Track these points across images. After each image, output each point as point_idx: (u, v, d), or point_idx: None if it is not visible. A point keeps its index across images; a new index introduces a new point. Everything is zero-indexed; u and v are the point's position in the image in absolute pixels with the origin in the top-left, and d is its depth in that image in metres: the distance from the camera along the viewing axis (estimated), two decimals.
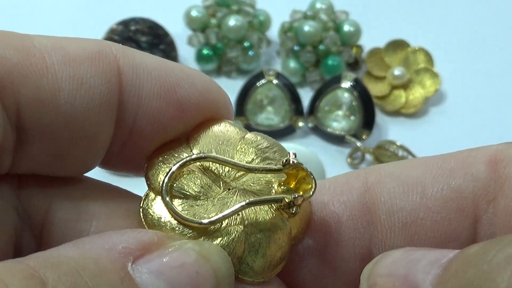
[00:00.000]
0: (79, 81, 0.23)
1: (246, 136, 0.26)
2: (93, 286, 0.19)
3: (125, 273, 0.20)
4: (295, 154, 0.25)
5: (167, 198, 0.24)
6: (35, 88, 0.22)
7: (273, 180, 0.25)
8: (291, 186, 0.25)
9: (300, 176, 0.25)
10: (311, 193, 0.24)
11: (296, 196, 0.24)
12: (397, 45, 0.70)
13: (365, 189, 0.25)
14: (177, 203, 0.24)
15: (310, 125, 0.66)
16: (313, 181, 0.24)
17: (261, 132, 0.26)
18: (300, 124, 0.65)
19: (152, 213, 0.24)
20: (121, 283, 0.20)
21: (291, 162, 0.24)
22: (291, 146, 0.61)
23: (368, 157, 0.64)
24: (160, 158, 0.25)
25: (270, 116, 0.66)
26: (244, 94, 0.65)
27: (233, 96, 0.65)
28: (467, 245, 0.24)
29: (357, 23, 0.70)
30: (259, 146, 0.26)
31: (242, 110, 0.65)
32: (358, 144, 0.64)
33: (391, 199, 0.25)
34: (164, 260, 0.21)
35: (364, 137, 0.64)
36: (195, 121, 0.25)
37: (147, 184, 0.25)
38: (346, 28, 0.69)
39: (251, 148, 0.25)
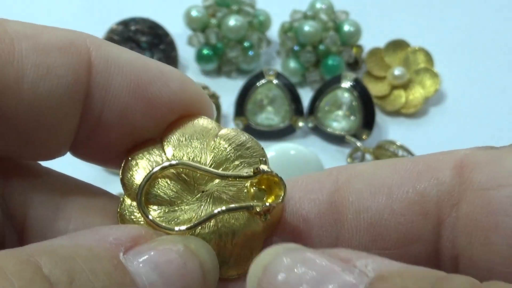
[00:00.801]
0: (44, 70, 0.23)
1: (220, 132, 0.26)
2: (88, 270, 0.20)
3: (118, 261, 0.21)
4: (266, 160, 0.26)
5: (143, 208, 0.25)
6: None
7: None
8: (263, 187, 0.26)
9: (272, 180, 0.25)
10: (281, 199, 0.25)
11: (267, 205, 0.25)
12: (397, 45, 0.70)
13: (335, 188, 0.26)
14: (152, 209, 0.25)
15: (310, 125, 0.66)
16: (284, 188, 0.25)
17: (261, 132, 0.27)
18: (300, 124, 0.65)
19: (129, 219, 0.25)
20: (114, 270, 0.21)
21: (261, 170, 0.25)
22: (291, 146, 0.61)
23: (368, 157, 0.64)
24: (134, 162, 0.25)
25: (270, 116, 0.66)
26: (244, 94, 0.65)
27: (233, 96, 0.65)
28: (430, 247, 0.24)
29: (357, 23, 0.70)
30: (233, 144, 0.26)
31: (242, 110, 0.65)
32: (358, 144, 0.64)
33: (359, 199, 0.25)
34: (154, 251, 0.22)
35: (364, 137, 0.64)
36: (169, 119, 0.26)
37: (123, 188, 0.25)
38: (346, 28, 0.69)
39: (226, 145, 0.26)
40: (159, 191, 0.25)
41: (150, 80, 0.25)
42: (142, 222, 0.25)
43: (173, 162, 0.25)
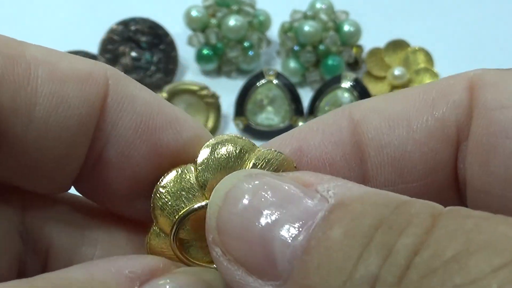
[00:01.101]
0: (59, 99, 0.22)
1: (252, 162, 0.24)
2: None
3: None
4: None
5: (176, 249, 0.24)
6: (11, 98, 0.22)
7: None
8: None
9: None
10: None
11: None
12: (397, 45, 0.70)
13: (353, 127, 0.25)
14: (183, 242, 0.24)
15: None
16: None
17: (261, 132, 0.26)
18: (300, 124, 0.65)
19: (159, 250, 0.24)
20: None
21: None
22: None
23: None
24: (168, 197, 0.24)
25: (270, 116, 0.66)
26: (244, 94, 0.65)
27: (233, 96, 0.65)
28: (453, 173, 0.24)
29: (357, 23, 0.70)
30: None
31: (242, 110, 0.65)
32: None
33: (378, 135, 0.24)
34: (170, 286, 0.21)
35: None
36: (170, 165, 0.24)
37: (153, 217, 0.24)
38: (346, 28, 0.69)
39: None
40: (189, 227, 0.24)
41: (162, 125, 0.24)
42: (170, 255, 0.24)
43: (203, 203, 0.24)
